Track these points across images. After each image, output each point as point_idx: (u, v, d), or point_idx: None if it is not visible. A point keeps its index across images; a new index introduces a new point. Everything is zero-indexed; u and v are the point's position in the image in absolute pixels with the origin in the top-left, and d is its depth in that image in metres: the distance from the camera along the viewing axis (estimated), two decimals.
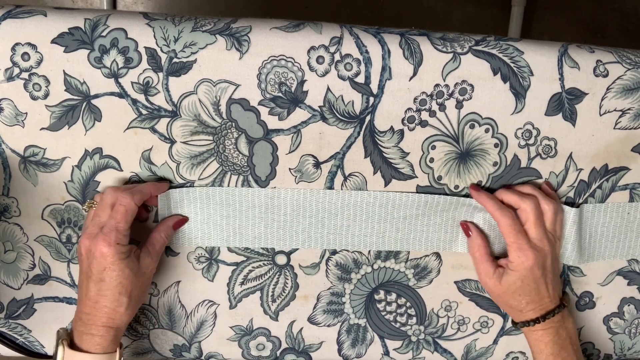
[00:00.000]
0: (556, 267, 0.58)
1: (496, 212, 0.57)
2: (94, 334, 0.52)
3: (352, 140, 0.58)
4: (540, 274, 0.56)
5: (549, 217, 0.57)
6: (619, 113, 0.59)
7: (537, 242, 0.56)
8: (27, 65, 0.54)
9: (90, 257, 0.52)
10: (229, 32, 0.54)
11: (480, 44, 0.56)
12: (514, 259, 0.56)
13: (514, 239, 0.56)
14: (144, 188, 0.55)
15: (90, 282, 0.52)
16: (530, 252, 0.55)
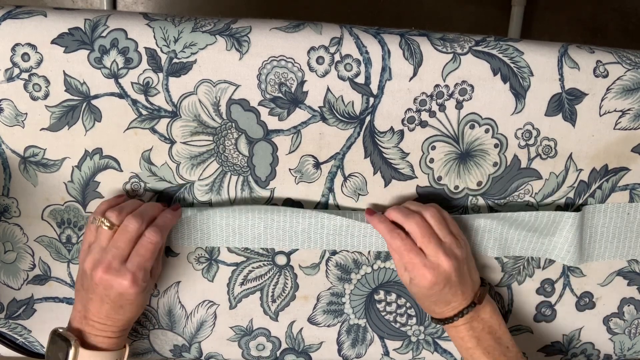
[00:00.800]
0: (465, 270, 0.56)
1: (386, 236, 0.56)
2: (110, 336, 0.54)
3: (352, 141, 0.58)
4: (442, 286, 0.55)
5: (437, 227, 0.55)
6: (619, 113, 0.59)
7: (432, 259, 0.54)
8: (27, 66, 0.54)
9: (109, 288, 0.51)
10: (229, 32, 0.54)
11: (480, 44, 0.56)
12: (413, 277, 0.55)
13: (406, 259, 0.55)
14: (166, 221, 0.54)
15: (104, 304, 0.52)
16: (425, 270, 0.54)
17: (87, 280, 0.52)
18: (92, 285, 0.51)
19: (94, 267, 0.51)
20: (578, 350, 0.68)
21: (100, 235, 0.52)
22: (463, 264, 0.56)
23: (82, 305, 0.53)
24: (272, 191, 0.59)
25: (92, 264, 0.51)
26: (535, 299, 0.65)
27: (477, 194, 0.60)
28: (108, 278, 0.50)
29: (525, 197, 0.61)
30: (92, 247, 0.52)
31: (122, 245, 0.51)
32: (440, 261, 0.54)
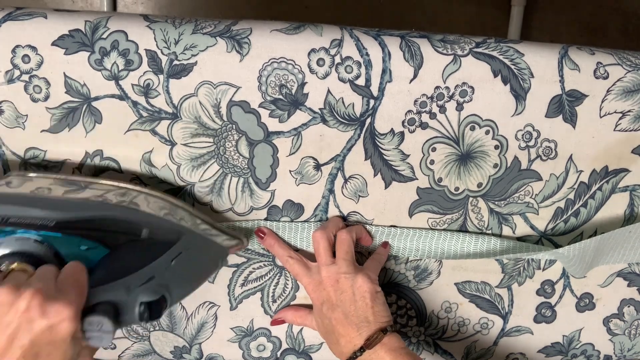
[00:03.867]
0: (352, 308, 0.54)
1: (281, 259, 0.59)
2: None
3: (352, 143, 0.58)
4: (325, 309, 0.55)
5: (321, 248, 0.57)
6: (619, 115, 0.59)
7: (314, 272, 0.57)
8: (28, 68, 0.54)
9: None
10: (230, 34, 0.54)
11: (480, 46, 0.56)
12: (309, 294, 0.58)
13: (294, 273, 0.58)
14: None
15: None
16: (307, 280, 0.57)
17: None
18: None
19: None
20: (578, 351, 0.68)
21: None
22: (347, 293, 0.55)
23: None
24: (272, 193, 0.59)
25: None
26: (535, 300, 0.65)
27: (478, 196, 0.61)
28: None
29: (526, 199, 0.61)
30: None
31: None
32: (322, 274, 0.56)
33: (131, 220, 0.50)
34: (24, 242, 0.47)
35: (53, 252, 0.48)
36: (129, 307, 0.46)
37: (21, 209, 0.47)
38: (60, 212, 0.47)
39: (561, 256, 0.60)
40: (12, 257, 0.46)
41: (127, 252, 0.49)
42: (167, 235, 0.50)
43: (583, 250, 0.59)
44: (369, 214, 0.60)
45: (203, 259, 0.53)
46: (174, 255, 0.49)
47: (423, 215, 0.61)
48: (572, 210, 0.62)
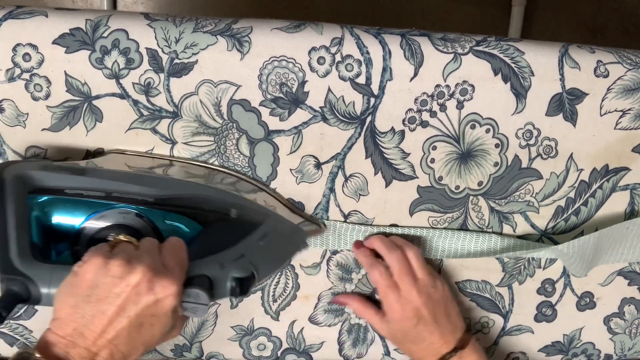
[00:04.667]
0: (441, 311, 0.57)
1: (367, 269, 0.58)
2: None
3: (353, 141, 0.58)
4: (415, 322, 0.56)
5: (416, 265, 0.57)
6: (619, 113, 0.59)
7: (405, 295, 0.56)
8: (29, 66, 0.54)
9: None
10: (230, 32, 0.54)
11: (481, 44, 0.57)
12: (386, 311, 0.57)
13: (382, 294, 0.57)
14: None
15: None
16: (398, 306, 0.56)
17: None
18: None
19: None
20: (579, 350, 0.68)
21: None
22: (439, 304, 0.57)
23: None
24: (273, 191, 0.59)
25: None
26: (536, 299, 0.65)
27: (478, 194, 0.61)
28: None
29: (526, 197, 0.61)
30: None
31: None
32: (413, 297, 0.55)
33: (222, 201, 0.53)
34: (125, 215, 0.51)
35: (151, 226, 0.51)
36: (222, 282, 0.48)
37: (124, 184, 0.50)
38: (159, 189, 0.51)
39: (561, 253, 0.60)
40: (115, 228, 0.50)
41: (219, 230, 0.52)
42: (253, 217, 0.53)
43: (582, 247, 0.59)
44: (369, 213, 0.60)
45: (286, 241, 0.55)
46: (261, 235, 0.52)
47: (424, 214, 0.61)
48: (573, 208, 0.62)
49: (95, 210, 0.51)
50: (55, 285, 0.45)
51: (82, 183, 0.50)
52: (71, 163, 0.52)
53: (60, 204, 0.50)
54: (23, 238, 0.47)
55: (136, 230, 0.50)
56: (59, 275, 0.45)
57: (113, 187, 0.50)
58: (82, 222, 0.51)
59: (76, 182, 0.50)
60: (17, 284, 0.45)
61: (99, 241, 0.49)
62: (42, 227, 0.50)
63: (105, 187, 0.50)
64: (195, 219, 0.53)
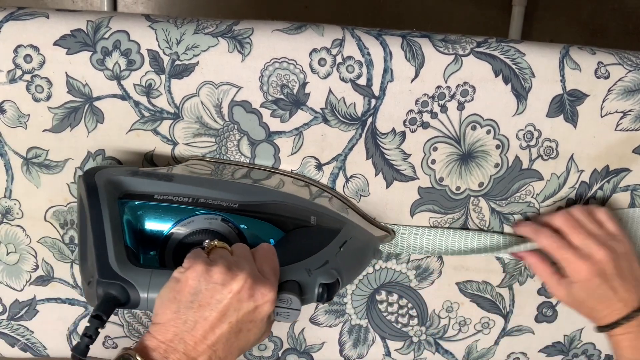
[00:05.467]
0: (625, 264, 0.55)
1: (533, 236, 0.57)
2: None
3: (353, 142, 0.58)
4: (600, 281, 0.54)
5: (585, 220, 0.56)
6: (620, 115, 0.59)
7: (584, 249, 0.54)
8: (30, 67, 0.54)
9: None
10: (231, 34, 0.54)
11: (481, 45, 0.57)
12: (569, 273, 0.56)
13: (560, 256, 0.56)
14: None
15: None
16: (579, 262, 0.54)
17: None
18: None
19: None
20: (579, 351, 0.68)
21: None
22: (622, 258, 0.55)
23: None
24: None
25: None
26: (536, 300, 0.65)
27: (479, 195, 0.61)
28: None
29: (527, 198, 0.61)
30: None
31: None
32: (593, 251, 0.54)
33: (302, 208, 0.54)
34: (212, 221, 0.52)
35: (236, 232, 0.52)
36: (310, 288, 0.49)
37: (210, 191, 0.52)
38: (243, 196, 0.52)
39: None
40: (202, 234, 0.51)
41: (301, 237, 0.53)
42: (331, 224, 0.54)
43: None
44: (370, 214, 0.60)
45: (363, 248, 0.56)
46: (341, 242, 0.52)
47: (424, 215, 0.61)
48: None
49: (183, 216, 0.52)
50: (154, 290, 0.45)
51: (171, 189, 0.51)
52: (156, 169, 0.53)
53: (149, 209, 0.51)
54: (119, 242, 0.48)
55: (222, 236, 0.51)
56: (157, 280, 0.45)
57: (200, 193, 0.52)
58: (171, 228, 0.52)
59: (165, 188, 0.51)
60: (116, 288, 0.45)
61: (187, 246, 0.51)
62: (132, 232, 0.51)
63: (192, 193, 0.51)
64: (277, 225, 0.54)
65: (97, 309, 0.44)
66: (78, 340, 0.44)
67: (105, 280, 0.46)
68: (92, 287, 0.47)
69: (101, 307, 0.45)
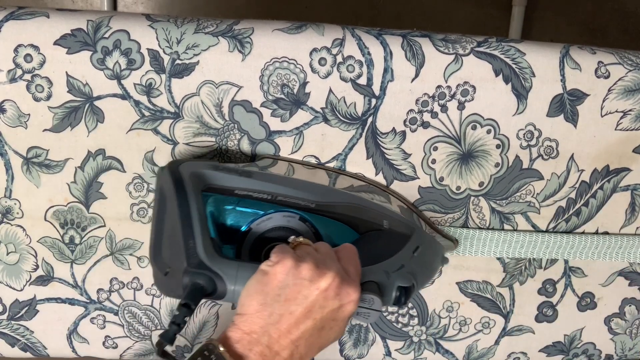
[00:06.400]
0: None
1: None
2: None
3: (354, 142, 0.58)
4: None
5: None
6: (620, 114, 0.59)
7: None
8: (30, 67, 0.54)
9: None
10: (232, 34, 0.54)
11: (482, 45, 0.57)
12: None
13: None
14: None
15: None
16: None
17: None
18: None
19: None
20: (579, 351, 0.68)
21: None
22: None
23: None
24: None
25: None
26: (536, 299, 0.65)
27: (479, 195, 0.61)
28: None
29: (527, 198, 0.61)
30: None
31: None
32: None
33: (375, 211, 0.54)
34: (289, 219, 0.53)
35: (313, 231, 0.53)
36: (388, 290, 0.49)
37: (289, 189, 0.52)
38: (320, 196, 0.53)
39: None
40: (280, 230, 0.52)
41: (376, 239, 0.53)
42: (402, 229, 0.54)
43: None
44: None
45: (432, 254, 0.56)
46: (414, 248, 0.53)
47: (425, 214, 0.61)
48: (574, 209, 0.62)
49: (262, 212, 0.53)
50: (241, 282, 0.45)
51: (251, 185, 0.52)
52: (235, 165, 0.54)
53: (231, 204, 0.52)
54: (206, 234, 0.48)
55: (299, 234, 0.51)
56: (245, 273, 0.46)
57: (279, 191, 0.52)
58: (250, 222, 0.53)
59: (245, 184, 0.52)
60: (204, 278, 0.46)
61: (265, 242, 0.52)
62: (214, 225, 0.52)
63: (272, 191, 0.52)
64: (351, 227, 0.55)
65: (186, 297, 0.45)
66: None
67: (193, 270, 0.46)
68: (171, 277, 0.47)
69: (189, 296, 0.45)
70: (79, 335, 0.62)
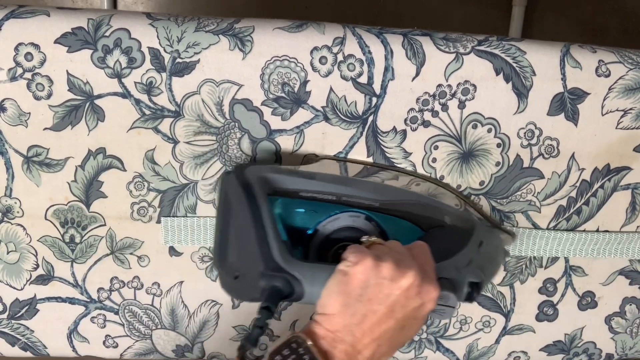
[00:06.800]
0: None
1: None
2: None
3: (354, 141, 0.58)
4: None
5: None
6: (621, 113, 0.59)
7: None
8: (30, 65, 0.54)
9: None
10: (232, 32, 0.54)
11: (482, 44, 0.57)
12: None
13: None
14: None
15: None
16: None
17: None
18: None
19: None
20: (580, 350, 0.68)
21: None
22: None
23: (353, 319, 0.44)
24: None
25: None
26: (537, 298, 0.65)
27: (480, 194, 0.61)
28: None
29: (528, 197, 0.61)
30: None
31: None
32: None
33: (437, 208, 0.55)
34: (355, 219, 0.53)
35: (379, 230, 0.54)
36: (460, 286, 0.49)
37: (353, 189, 0.53)
38: (383, 195, 0.53)
39: None
40: (347, 231, 0.53)
41: (441, 236, 0.54)
42: (463, 224, 0.54)
43: None
44: None
45: (495, 248, 0.56)
46: (478, 242, 0.53)
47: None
48: (574, 208, 0.62)
49: (328, 213, 0.53)
50: (319, 283, 0.46)
51: (315, 187, 0.52)
52: (294, 167, 0.54)
53: (297, 206, 0.53)
54: (279, 237, 0.48)
55: (365, 233, 0.51)
56: (321, 274, 0.46)
57: (341, 192, 0.52)
58: (317, 224, 0.53)
59: (310, 186, 0.52)
60: (281, 281, 0.46)
61: (332, 242, 0.53)
62: (283, 228, 0.52)
63: (336, 191, 0.52)
64: (416, 224, 0.55)
65: (266, 300, 0.46)
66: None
67: (271, 273, 0.47)
68: (242, 281, 0.48)
69: (269, 299, 0.46)
70: (79, 334, 0.62)
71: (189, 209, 0.59)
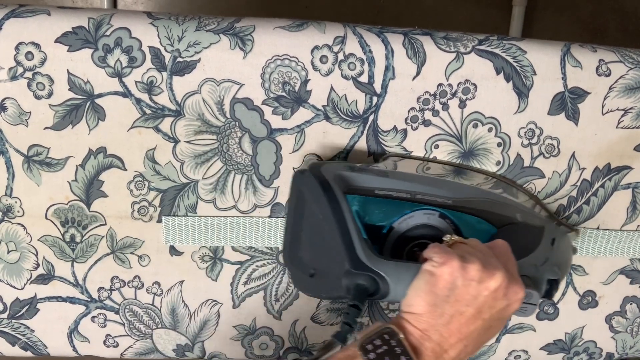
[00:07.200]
0: None
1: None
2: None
3: (355, 140, 0.58)
4: None
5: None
6: (621, 112, 0.59)
7: None
8: (31, 65, 0.54)
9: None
10: (233, 31, 0.54)
11: (483, 43, 0.57)
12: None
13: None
14: None
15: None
16: None
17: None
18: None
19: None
20: (580, 349, 0.68)
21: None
22: None
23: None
24: (276, 190, 0.59)
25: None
26: None
27: None
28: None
29: None
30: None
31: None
32: None
33: (508, 205, 0.55)
34: (430, 216, 0.53)
35: (453, 227, 0.54)
36: (539, 283, 0.49)
37: (427, 187, 0.53)
38: (456, 192, 0.54)
39: None
40: (423, 229, 0.53)
41: (514, 233, 0.54)
42: (535, 221, 0.54)
43: None
44: None
45: (567, 245, 0.56)
46: (551, 239, 0.53)
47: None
48: (575, 207, 0.62)
49: (404, 211, 0.53)
50: (404, 282, 0.46)
51: (390, 185, 0.52)
52: (367, 165, 0.55)
53: (373, 204, 0.53)
54: (361, 235, 0.48)
55: (440, 231, 0.52)
56: (406, 272, 0.46)
57: (415, 189, 0.53)
58: (392, 221, 0.53)
59: (385, 184, 0.52)
60: (367, 280, 0.47)
61: (408, 240, 0.53)
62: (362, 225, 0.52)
63: (410, 189, 0.52)
64: (489, 221, 0.55)
65: (353, 298, 0.46)
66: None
67: (356, 271, 0.47)
68: (320, 278, 0.49)
69: (357, 297, 0.46)
70: (79, 334, 0.62)
71: (189, 208, 0.59)
